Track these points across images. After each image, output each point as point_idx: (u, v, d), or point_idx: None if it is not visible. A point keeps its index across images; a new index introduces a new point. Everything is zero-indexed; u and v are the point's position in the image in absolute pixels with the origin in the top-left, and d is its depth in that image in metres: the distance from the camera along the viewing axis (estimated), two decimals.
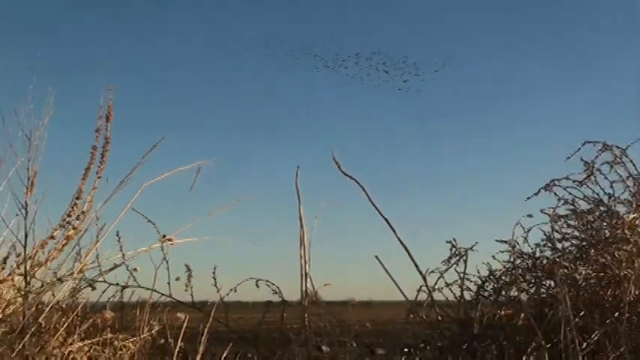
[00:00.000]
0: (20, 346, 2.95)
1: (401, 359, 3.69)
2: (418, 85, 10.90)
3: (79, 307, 3.42)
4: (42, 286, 3.24)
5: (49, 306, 3.17)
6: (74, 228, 3.67)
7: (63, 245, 3.62)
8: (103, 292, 3.38)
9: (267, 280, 3.36)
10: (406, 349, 4.10)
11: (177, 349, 3.18)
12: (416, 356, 3.77)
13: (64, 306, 3.50)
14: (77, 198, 3.73)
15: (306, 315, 3.33)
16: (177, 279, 3.52)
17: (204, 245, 3.63)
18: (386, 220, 3.34)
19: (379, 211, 3.34)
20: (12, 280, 3.36)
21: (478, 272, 3.47)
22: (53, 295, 3.26)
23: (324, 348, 4.43)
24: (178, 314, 3.59)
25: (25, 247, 3.25)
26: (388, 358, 3.82)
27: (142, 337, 3.58)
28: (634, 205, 3.29)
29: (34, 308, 3.12)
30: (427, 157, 18.47)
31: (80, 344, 3.50)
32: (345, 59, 10.68)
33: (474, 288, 3.46)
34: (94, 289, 3.35)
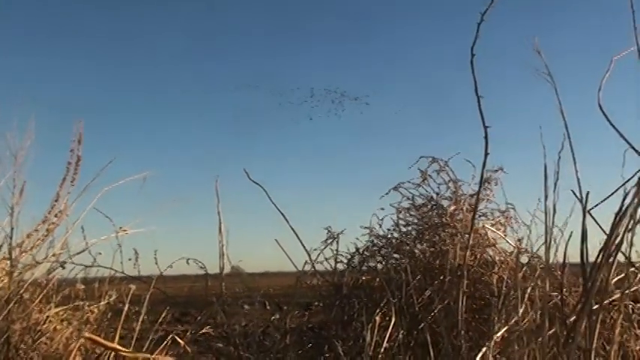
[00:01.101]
0: (6, 312, 2.96)
1: (295, 313, 3.79)
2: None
3: (51, 282, 3.42)
4: (23, 267, 3.25)
5: (28, 282, 3.19)
6: (53, 223, 3.68)
7: (45, 236, 3.63)
8: (71, 271, 3.42)
9: (195, 259, 3.45)
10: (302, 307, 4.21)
11: (125, 310, 3.22)
12: (307, 311, 3.89)
13: (44, 282, 3.50)
14: (56, 200, 3.75)
15: (223, 284, 3.40)
16: (130, 259, 3.58)
17: (151, 233, 3.69)
18: (282, 213, 3.43)
19: (277, 207, 3.43)
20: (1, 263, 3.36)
21: (348, 249, 3.59)
22: (32, 274, 3.28)
23: (245, 307, 4.51)
24: (130, 285, 3.63)
25: (11, 238, 3.25)
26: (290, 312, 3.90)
27: (103, 303, 3.60)
28: (454, 200, 3.47)
29: (16, 284, 3.13)
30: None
31: (56, 310, 3.52)
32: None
33: (345, 261, 3.59)
34: (63, 268, 3.38)
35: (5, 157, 3.43)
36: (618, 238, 1.79)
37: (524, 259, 3.36)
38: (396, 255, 3.51)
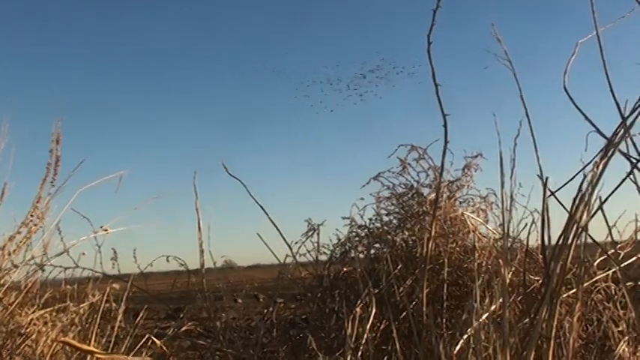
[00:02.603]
0: None
1: (281, 306, 3.82)
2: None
3: (30, 285, 3.46)
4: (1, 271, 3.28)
5: (5, 286, 3.22)
6: (35, 225, 3.71)
7: (27, 238, 3.66)
8: (50, 272, 3.45)
9: (175, 256, 3.47)
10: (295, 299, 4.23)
11: (101, 308, 3.25)
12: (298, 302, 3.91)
13: (27, 285, 3.53)
14: (37, 202, 3.78)
15: (204, 280, 3.42)
16: (112, 259, 3.61)
17: (131, 232, 3.71)
18: (261, 206, 3.46)
19: (256, 200, 3.46)
20: None
21: (330, 240, 3.61)
22: (9, 277, 3.31)
23: (239, 300, 4.52)
24: (114, 285, 3.66)
25: None
26: (287, 306, 3.94)
27: (86, 304, 3.63)
28: (433, 188, 3.48)
29: None
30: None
31: (40, 312, 3.55)
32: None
33: (328, 252, 3.61)
34: (43, 271, 3.42)
35: None
36: (577, 224, 1.80)
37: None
38: (377, 245, 3.53)
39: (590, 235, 2.03)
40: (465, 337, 2.58)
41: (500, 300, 2.94)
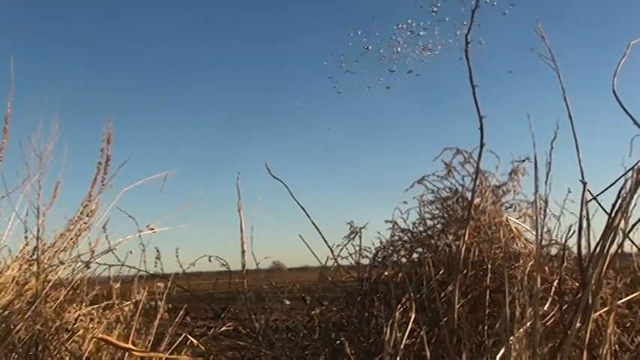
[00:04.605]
0: (30, 312, 3.10)
1: (323, 309, 3.82)
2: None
3: (82, 282, 3.56)
4: (47, 267, 3.39)
5: (51, 282, 3.32)
6: (85, 223, 3.83)
7: (77, 236, 3.77)
8: (95, 270, 3.55)
9: (217, 256, 3.53)
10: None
11: (142, 306, 3.32)
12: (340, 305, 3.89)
13: (75, 282, 3.64)
14: (88, 200, 3.89)
15: (245, 280, 3.46)
16: (157, 258, 3.70)
17: (174, 232, 3.77)
18: (303, 208, 3.48)
19: (298, 202, 3.49)
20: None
21: (373, 244, 3.60)
22: (56, 273, 3.41)
23: (286, 302, 4.55)
24: (158, 283, 3.74)
25: (37, 239, 3.39)
26: (328, 309, 3.94)
27: (131, 302, 3.71)
28: (478, 192, 3.42)
29: (41, 285, 3.25)
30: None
31: (88, 309, 3.66)
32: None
33: (370, 255, 3.60)
34: (88, 268, 3.51)
35: (31, 160, 3.58)
36: (615, 231, 1.74)
37: (553, 251, 3.29)
38: (419, 249, 3.49)
39: (632, 241, 1.97)
40: (504, 349, 2.53)
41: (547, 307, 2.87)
